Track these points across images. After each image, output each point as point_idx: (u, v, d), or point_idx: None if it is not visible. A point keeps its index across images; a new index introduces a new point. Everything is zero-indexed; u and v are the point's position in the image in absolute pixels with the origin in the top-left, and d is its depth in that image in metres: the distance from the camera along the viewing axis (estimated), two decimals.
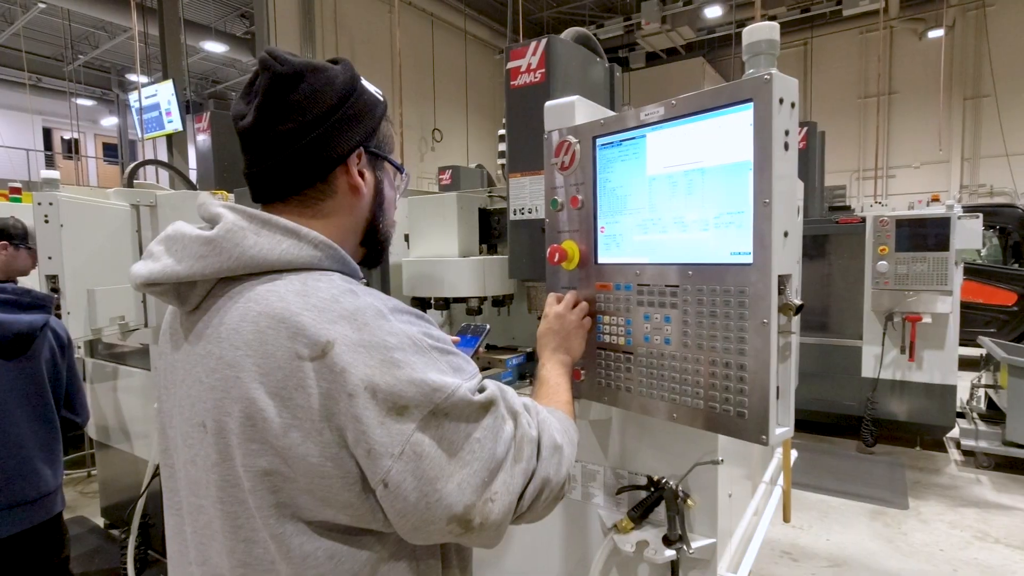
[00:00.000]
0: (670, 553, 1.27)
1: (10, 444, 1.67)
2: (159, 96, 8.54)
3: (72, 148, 15.82)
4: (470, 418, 0.70)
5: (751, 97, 0.89)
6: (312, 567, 0.68)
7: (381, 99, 0.87)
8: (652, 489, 1.35)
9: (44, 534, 1.76)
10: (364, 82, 0.84)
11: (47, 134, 15.83)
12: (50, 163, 15.25)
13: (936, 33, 12.73)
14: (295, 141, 0.77)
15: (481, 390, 0.73)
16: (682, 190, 1.03)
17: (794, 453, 2.35)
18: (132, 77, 13.49)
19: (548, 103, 1.33)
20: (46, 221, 2.14)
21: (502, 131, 1.86)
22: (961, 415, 4.47)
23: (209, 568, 0.74)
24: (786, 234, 0.91)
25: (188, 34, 9.92)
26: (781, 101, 0.88)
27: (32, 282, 2.20)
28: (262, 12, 9.51)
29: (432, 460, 0.66)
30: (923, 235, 4.07)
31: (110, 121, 16.38)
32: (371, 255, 0.91)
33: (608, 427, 1.45)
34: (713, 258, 0.98)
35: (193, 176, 5.22)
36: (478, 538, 0.70)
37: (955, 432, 4.37)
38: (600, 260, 1.20)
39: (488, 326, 1.50)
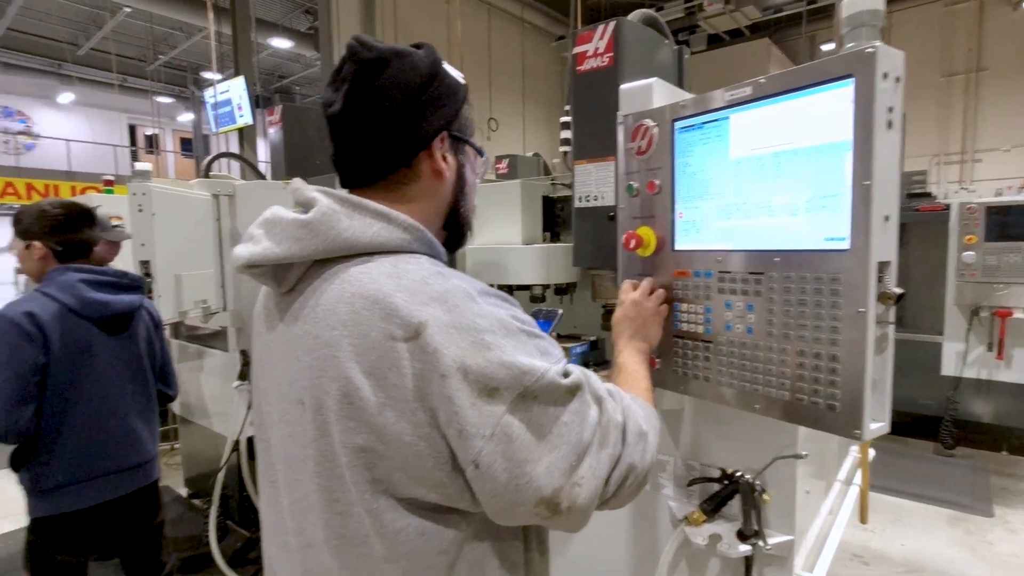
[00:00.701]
0: (745, 548, 1.24)
1: (119, 414, 1.83)
2: (231, 92, 8.99)
3: (153, 143, 16.89)
4: (558, 402, 0.70)
5: (852, 72, 0.84)
6: (404, 542, 0.70)
7: (462, 83, 0.87)
8: (726, 482, 1.31)
9: (145, 498, 1.92)
10: (446, 66, 0.85)
11: (131, 130, 16.99)
12: (134, 158, 16.33)
13: None
14: (381, 126, 0.79)
15: (567, 374, 0.72)
16: (770, 173, 0.98)
17: (871, 452, 2.23)
18: (207, 75, 14.20)
19: (624, 86, 1.30)
20: (139, 210, 2.28)
21: (565, 118, 1.83)
22: None
23: (305, 538, 0.77)
24: (887, 218, 0.86)
25: (257, 31, 10.32)
26: (885, 76, 0.82)
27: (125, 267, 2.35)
28: (325, 7, 9.77)
29: (522, 442, 0.67)
30: (1018, 223, 3.75)
31: (186, 117, 17.35)
32: (453, 238, 0.92)
33: (680, 417, 1.43)
34: (804, 244, 0.94)
35: (262, 167, 5.45)
36: (565, 521, 0.70)
37: None
38: (678, 246, 1.17)
39: (560, 311, 1.50)
